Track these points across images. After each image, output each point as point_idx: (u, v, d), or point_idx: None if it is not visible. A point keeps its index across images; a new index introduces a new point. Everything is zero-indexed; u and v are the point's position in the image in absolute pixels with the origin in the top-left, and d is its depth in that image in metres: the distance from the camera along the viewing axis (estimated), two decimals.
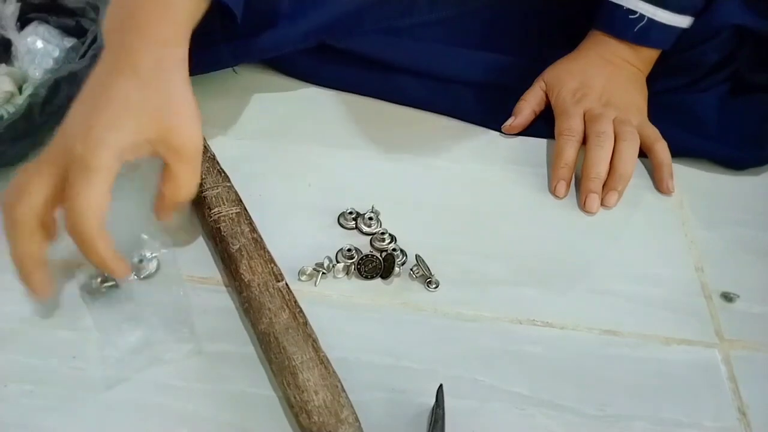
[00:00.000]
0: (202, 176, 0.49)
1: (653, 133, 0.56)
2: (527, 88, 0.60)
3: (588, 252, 0.50)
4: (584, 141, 0.55)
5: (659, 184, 0.55)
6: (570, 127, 0.55)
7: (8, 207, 0.39)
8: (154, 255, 0.46)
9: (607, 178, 0.54)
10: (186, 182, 0.42)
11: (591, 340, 0.45)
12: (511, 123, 0.58)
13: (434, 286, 0.47)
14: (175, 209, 0.44)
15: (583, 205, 0.53)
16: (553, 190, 0.54)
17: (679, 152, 0.57)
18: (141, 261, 0.46)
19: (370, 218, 0.50)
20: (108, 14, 0.44)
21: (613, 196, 0.53)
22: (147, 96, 0.41)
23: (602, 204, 0.53)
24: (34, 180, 0.39)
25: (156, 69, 0.42)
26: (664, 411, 0.41)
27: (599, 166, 0.53)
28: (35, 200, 0.39)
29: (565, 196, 0.54)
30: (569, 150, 0.55)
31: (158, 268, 0.46)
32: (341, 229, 0.50)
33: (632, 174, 0.54)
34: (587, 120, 0.56)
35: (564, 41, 0.62)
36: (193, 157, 0.43)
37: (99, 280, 0.44)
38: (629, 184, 0.54)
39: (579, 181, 0.54)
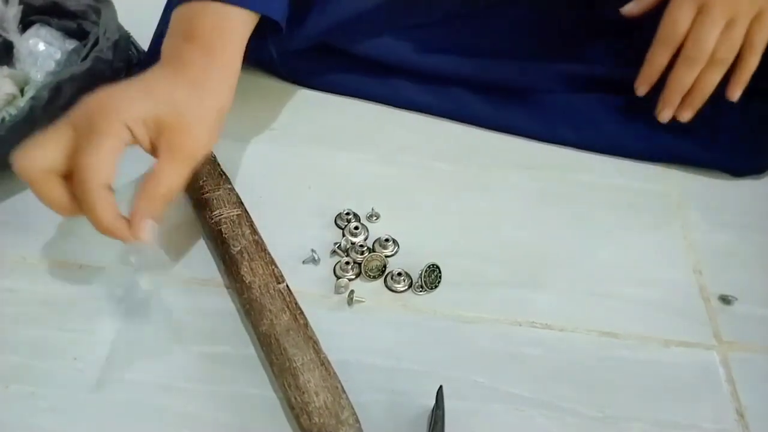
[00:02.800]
0: (203, 178, 0.49)
1: (759, 42, 0.53)
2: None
3: (587, 254, 0.51)
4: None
5: (728, 87, 0.55)
6: (675, 27, 0.53)
7: (19, 160, 0.39)
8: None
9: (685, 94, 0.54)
10: (166, 181, 0.41)
11: (590, 342, 0.45)
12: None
13: (420, 290, 0.47)
14: (150, 210, 0.41)
15: (657, 113, 0.56)
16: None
17: (674, 159, 0.57)
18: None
19: (370, 217, 0.51)
20: (168, 33, 0.46)
21: (687, 112, 0.55)
22: (176, 88, 0.42)
23: (676, 116, 0.55)
24: (48, 138, 0.40)
25: (200, 73, 0.43)
26: (663, 413, 0.42)
27: (684, 84, 0.54)
28: (46, 155, 0.39)
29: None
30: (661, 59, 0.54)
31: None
32: (341, 230, 0.50)
33: (708, 96, 0.54)
34: (698, 16, 0.53)
35: (564, 41, 0.62)
36: (184, 160, 0.42)
37: None
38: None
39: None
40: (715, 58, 0.53)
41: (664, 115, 0.56)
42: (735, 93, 0.55)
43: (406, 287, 0.47)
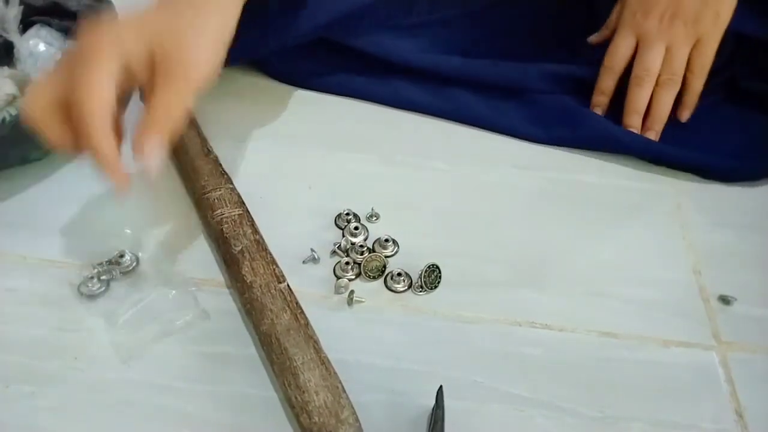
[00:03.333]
0: (205, 178, 0.49)
1: (699, 67, 0.57)
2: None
3: (587, 254, 0.51)
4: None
5: (677, 109, 0.59)
6: (616, 55, 0.58)
7: (24, 102, 0.39)
8: (135, 254, 0.47)
9: (644, 118, 0.58)
10: (165, 100, 0.39)
11: (590, 342, 0.45)
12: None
13: (420, 290, 0.47)
14: (153, 129, 0.39)
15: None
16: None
17: (670, 164, 0.57)
18: (122, 255, 0.46)
19: (370, 217, 0.51)
20: None
21: (651, 135, 0.57)
22: (175, 15, 0.40)
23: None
24: (47, 77, 0.39)
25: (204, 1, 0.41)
26: (662, 413, 0.42)
27: (638, 104, 0.58)
28: (45, 91, 0.38)
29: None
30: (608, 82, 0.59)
31: (137, 263, 0.46)
32: (341, 230, 0.50)
33: (668, 115, 0.58)
34: (639, 44, 0.58)
35: (564, 41, 0.62)
36: (183, 78, 0.39)
37: (95, 279, 0.45)
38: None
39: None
40: (660, 80, 0.57)
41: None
42: (683, 114, 0.59)
43: (406, 287, 0.47)
